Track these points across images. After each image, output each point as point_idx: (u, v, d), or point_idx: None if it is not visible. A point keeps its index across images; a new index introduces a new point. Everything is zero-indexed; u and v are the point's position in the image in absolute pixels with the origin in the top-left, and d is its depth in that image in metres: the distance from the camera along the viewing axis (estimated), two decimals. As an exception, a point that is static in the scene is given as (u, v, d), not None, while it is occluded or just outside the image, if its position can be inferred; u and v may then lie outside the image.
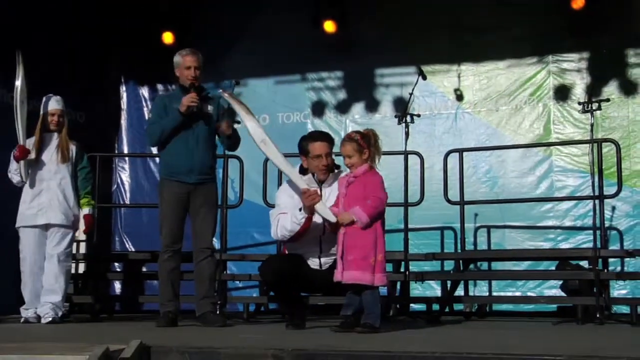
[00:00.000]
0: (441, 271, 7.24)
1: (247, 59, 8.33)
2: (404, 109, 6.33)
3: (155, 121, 5.46)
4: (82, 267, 7.34)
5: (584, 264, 6.36)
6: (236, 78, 6.06)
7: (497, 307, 7.21)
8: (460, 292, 6.71)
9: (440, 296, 6.82)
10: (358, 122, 8.12)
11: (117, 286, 8.53)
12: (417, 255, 6.85)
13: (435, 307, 6.51)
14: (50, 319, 5.62)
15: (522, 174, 7.73)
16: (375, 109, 8.27)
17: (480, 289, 7.41)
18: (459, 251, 7.03)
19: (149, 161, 8.78)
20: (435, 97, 8.11)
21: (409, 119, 6.21)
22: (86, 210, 5.98)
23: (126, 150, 9.07)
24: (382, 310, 4.63)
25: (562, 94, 7.72)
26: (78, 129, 6.57)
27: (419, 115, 6.44)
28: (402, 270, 6.36)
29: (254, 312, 6.65)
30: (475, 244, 7.55)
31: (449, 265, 7.14)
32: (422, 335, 4.57)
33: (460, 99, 8.06)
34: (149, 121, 5.67)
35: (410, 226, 6.52)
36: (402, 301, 6.49)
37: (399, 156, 6.48)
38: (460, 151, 6.92)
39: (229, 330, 5.02)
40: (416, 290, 7.30)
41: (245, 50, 8.41)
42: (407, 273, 6.27)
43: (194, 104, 5.32)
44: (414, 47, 7.90)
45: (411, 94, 6.22)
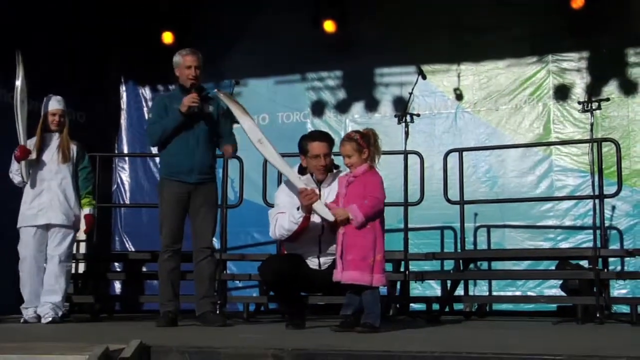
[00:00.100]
0: (441, 271, 7.25)
1: (247, 59, 8.33)
2: (403, 109, 6.33)
3: (156, 121, 5.44)
4: (82, 267, 7.34)
5: (584, 263, 6.36)
6: (236, 78, 6.05)
7: (497, 307, 7.21)
8: (460, 291, 6.71)
9: (440, 296, 6.82)
10: (358, 121, 8.12)
11: (117, 286, 8.53)
12: (417, 255, 6.84)
13: (435, 306, 6.51)
14: (50, 319, 5.62)
15: (522, 174, 7.74)
16: (375, 108, 8.27)
17: (480, 289, 7.41)
18: (458, 251, 7.02)
19: (149, 161, 8.78)
20: (435, 96, 8.11)
21: (408, 118, 6.21)
22: (87, 210, 5.98)
23: (126, 150, 9.07)
24: (382, 309, 4.62)
25: (562, 93, 7.73)
26: (78, 129, 6.57)
27: (418, 115, 6.43)
28: (402, 270, 6.35)
29: (253, 311, 6.65)
30: (475, 243, 7.55)
31: (448, 265, 7.14)
32: (422, 334, 4.57)
33: (460, 98, 8.06)
34: (149, 121, 5.65)
35: (410, 226, 6.53)
36: (402, 301, 6.49)
37: (399, 156, 6.48)
38: (460, 151, 6.91)
39: (228, 330, 5.02)
40: (416, 289, 7.30)
41: (245, 50, 8.41)
42: (407, 273, 6.27)
43: (195, 104, 5.31)
44: (413, 47, 7.90)
45: (411, 93, 6.22)
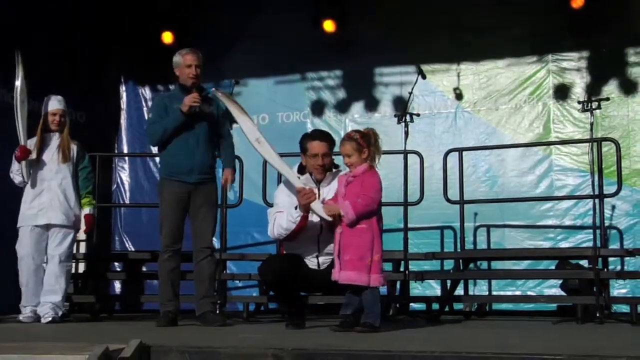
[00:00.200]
0: (441, 270, 7.25)
1: (247, 59, 8.33)
2: (403, 108, 6.32)
3: (156, 121, 5.44)
4: (82, 267, 7.34)
5: (584, 263, 6.36)
6: (236, 78, 6.05)
7: (497, 307, 7.21)
8: (460, 291, 6.71)
9: (440, 295, 6.82)
10: (358, 121, 8.12)
11: (117, 286, 8.53)
12: (416, 255, 6.84)
13: (435, 306, 6.52)
14: (50, 318, 5.62)
15: (522, 173, 7.74)
16: (375, 108, 8.27)
17: (480, 288, 7.41)
18: (458, 250, 7.02)
19: (148, 161, 8.78)
20: (434, 96, 8.11)
21: (408, 118, 6.20)
22: (87, 210, 5.98)
23: (126, 150, 9.07)
24: (382, 309, 4.62)
25: (561, 93, 7.73)
26: (78, 129, 6.57)
27: (418, 115, 6.42)
28: (402, 269, 6.35)
29: (253, 311, 6.65)
30: (475, 243, 7.55)
31: (448, 265, 7.15)
32: (421, 334, 4.57)
33: (459, 98, 8.06)
34: (149, 121, 5.64)
35: (409, 225, 6.52)
36: (402, 300, 6.49)
37: (399, 155, 6.47)
38: (460, 150, 6.91)
39: (228, 329, 5.02)
40: (416, 289, 7.29)
41: (245, 50, 8.41)
42: (406, 272, 6.26)
43: (196, 103, 5.31)
44: (413, 46, 7.90)
45: (411, 93, 6.21)
